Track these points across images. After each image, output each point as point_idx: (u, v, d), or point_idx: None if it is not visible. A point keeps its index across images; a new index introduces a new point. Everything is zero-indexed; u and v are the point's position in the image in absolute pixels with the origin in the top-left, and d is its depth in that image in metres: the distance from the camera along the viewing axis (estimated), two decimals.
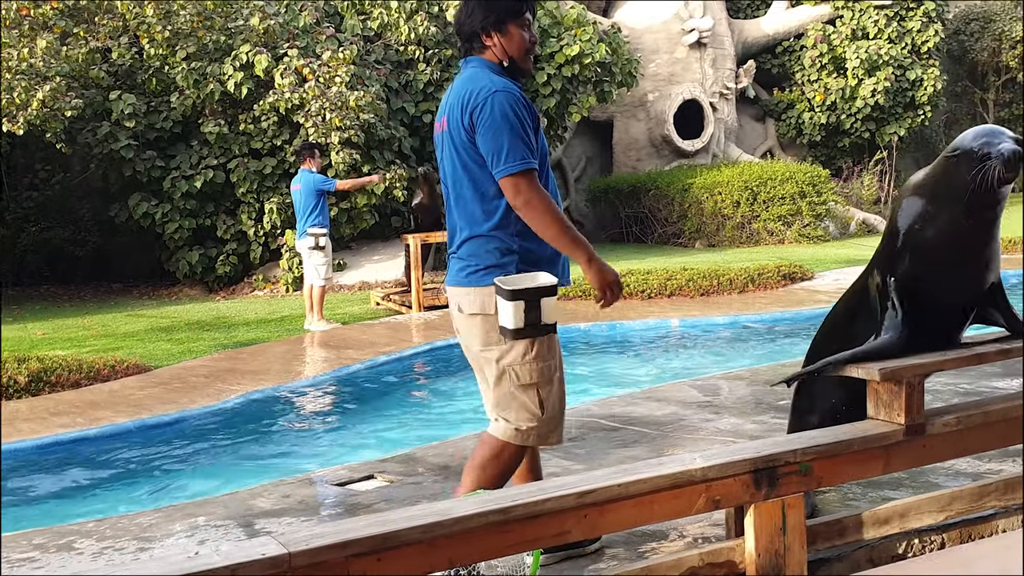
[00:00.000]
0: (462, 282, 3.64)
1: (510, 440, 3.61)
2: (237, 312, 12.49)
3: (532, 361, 3.55)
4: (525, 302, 3.46)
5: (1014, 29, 22.72)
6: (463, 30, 3.72)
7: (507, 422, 3.62)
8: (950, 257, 3.61)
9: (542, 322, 3.50)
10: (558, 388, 3.65)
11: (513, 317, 3.47)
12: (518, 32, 3.65)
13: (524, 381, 3.57)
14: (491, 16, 3.63)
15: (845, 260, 14.32)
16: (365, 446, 6.74)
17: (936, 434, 3.47)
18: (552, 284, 3.50)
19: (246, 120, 14.60)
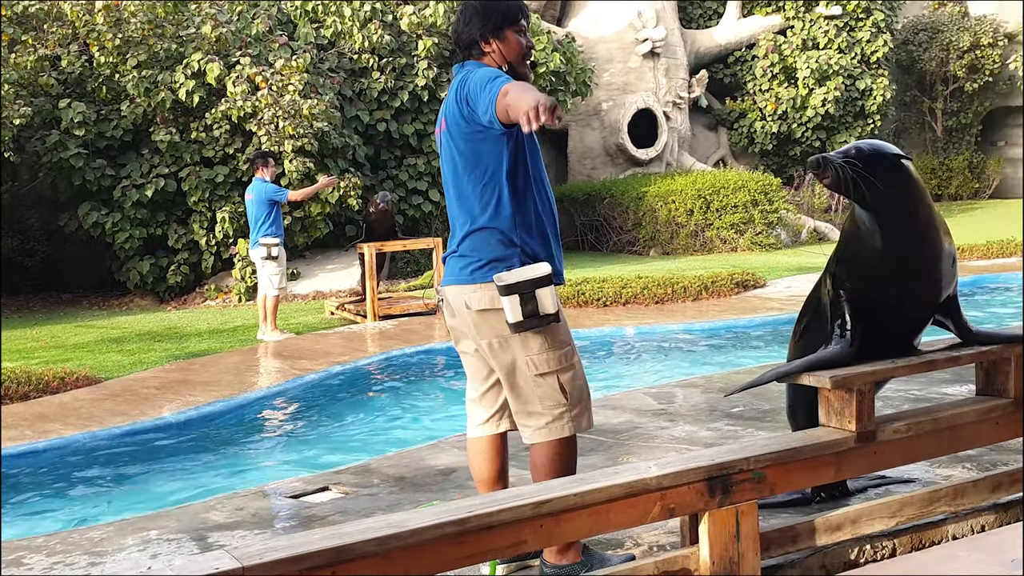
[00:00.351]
0: (466, 279, 3.65)
1: (545, 439, 3.63)
2: (189, 322, 12.39)
3: (548, 350, 3.59)
4: (520, 295, 3.49)
5: (961, 39, 23.07)
6: (461, 38, 3.74)
7: (533, 425, 3.64)
8: (891, 267, 3.67)
9: (541, 313, 3.52)
10: (579, 372, 3.69)
11: (512, 311, 3.51)
12: (516, 38, 3.70)
13: (543, 370, 3.60)
14: (489, 23, 3.67)
15: (797, 268, 14.45)
16: (319, 457, 6.70)
17: (887, 441, 3.51)
18: (545, 274, 3.53)
19: (198, 128, 14.49)
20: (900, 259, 3.66)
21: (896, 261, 3.66)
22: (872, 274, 3.70)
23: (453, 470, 5.53)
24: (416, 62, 15.63)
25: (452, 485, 5.24)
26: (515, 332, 3.56)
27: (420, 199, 15.90)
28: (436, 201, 15.95)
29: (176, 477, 6.47)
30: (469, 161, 3.62)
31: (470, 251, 3.65)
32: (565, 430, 3.63)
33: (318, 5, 15.66)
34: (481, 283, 3.62)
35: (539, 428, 3.64)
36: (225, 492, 5.52)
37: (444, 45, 15.80)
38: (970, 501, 3.82)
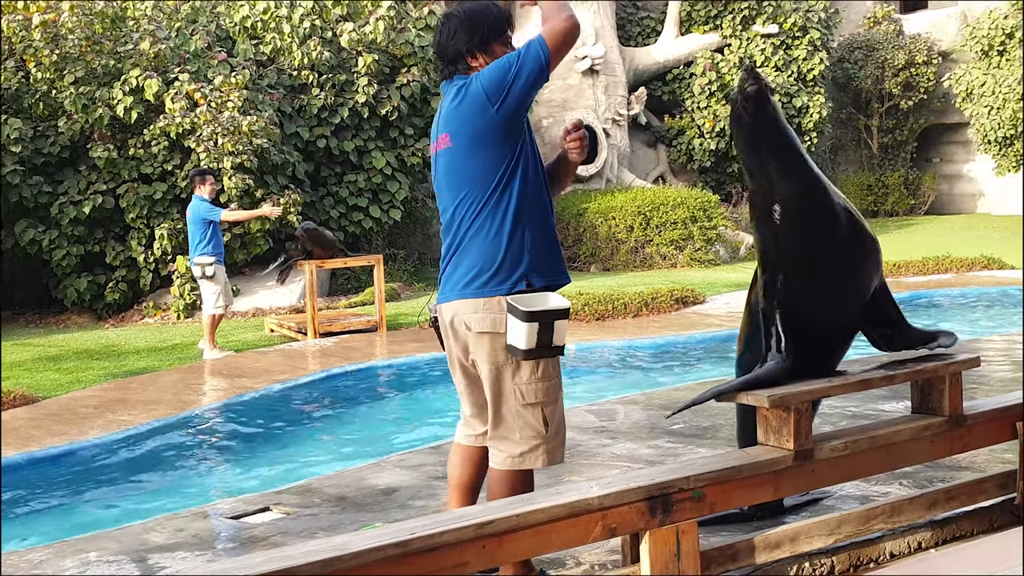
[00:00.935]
0: (468, 294, 3.59)
1: (515, 468, 3.61)
2: (127, 340, 12.23)
3: (539, 380, 3.56)
4: (540, 324, 3.45)
5: (896, 57, 23.47)
6: (447, 52, 3.69)
7: (507, 452, 3.61)
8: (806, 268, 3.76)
9: (553, 344, 3.50)
10: (562, 406, 3.67)
11: (526, 338, 3.45)
12: (502, 51, 3.65)
13: (529, 400, 3.57)
14: (475, 37, 3.63)
15: (735, 284, 14.60)
16: (260, 477, 6.65)
17: (824, 459, 3.57)
18: (566, 307, 3.51)
19: (136, 145, 14.35)
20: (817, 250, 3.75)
21: (805, 233, 3.75)
22: (792, 265, 3.76)
23: (395, 489, 5.52)
24: (356, 79, 15.60)
25: (394, 505, 5.23)
26: (520, 359, 3.51)
27: (361, 215, 15.86)
28: (377, 217, 15.92)
29: (115, 498, 6.39)
30: (476, 170, 3.56)
31: (472, 262, 3.59)
32: (538, 462, 3.61)
33: (257, 22, 15.58)
34: (485, 298, 3.56)
35: (512, 456, 3.61)
36: (165, 513, 5.47)
37: (384, 62, 15.79)
38: (907, 518, 3.89)
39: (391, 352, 10.51)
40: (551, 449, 3.62)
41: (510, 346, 3.51)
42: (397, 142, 16.23)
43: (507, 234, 3.57)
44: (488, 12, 3.68)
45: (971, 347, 9.38)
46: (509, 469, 3.62)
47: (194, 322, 13.58)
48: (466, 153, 3.58)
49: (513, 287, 3.55)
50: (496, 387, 3.60)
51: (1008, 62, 21.59)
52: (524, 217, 3.58)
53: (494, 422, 3.63)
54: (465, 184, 3.61)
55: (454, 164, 3.63)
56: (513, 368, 3.56)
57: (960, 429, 3.86)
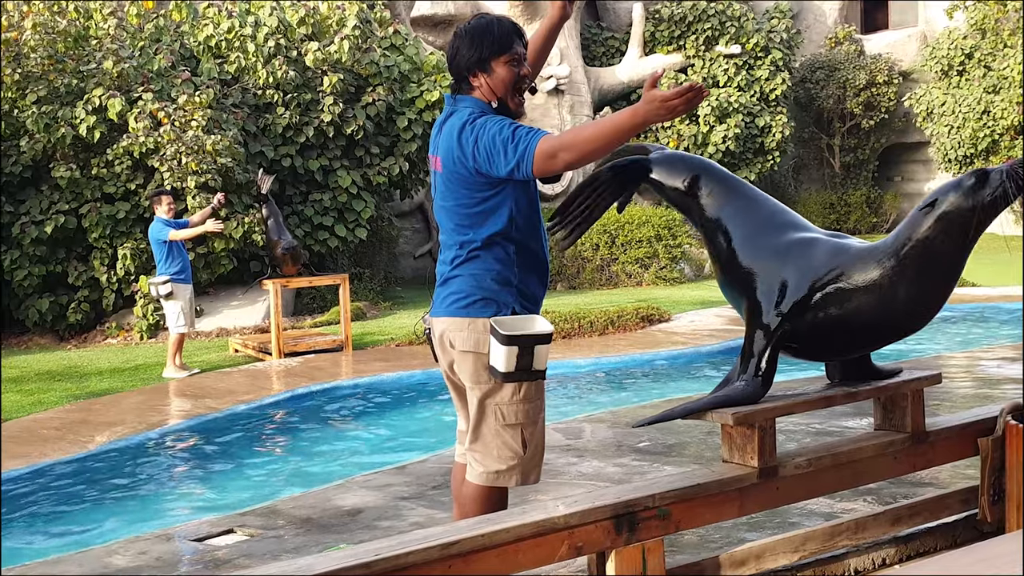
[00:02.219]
0: (456, 313, 3.59)
1: (488, 484, 3.61)
2: (89, 361, 12.12)
3: (520, 402, 3.56)
4: (519, 348, 3.45)
5: (857, 77, 23.73)
6: (452, 70, 3.65)
7: (484, 467, 3.61)
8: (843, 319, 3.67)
9: (533, 368, 3.50)
10: (541, 428, 3.66)
11: (505, 361, 3.45)
12: (504, 70, 3.58)
13: (510, 421, 3.57)
14: (475, 55, 3.57)
15: (700, 302, 14.67)
16: (224, 499, 6.60)
17: (788, 476, 3.58)
18: (548, 332, 3.50)
19: (99, 164, 14.24)
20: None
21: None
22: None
23: (361, 510, 5.49)
24: (322, 98, 15.58)
25: (360, 526, 5.20)
26: (503, 382, 3.52)
27: (326, 234, 15.81)
28: (343, 236, 15.88)
29: (77, 520, 6.31)
30: (471, 195, 3.55)
31: (463, 284, 3.59)
32: (512, 481, 3.61)
33: (221, 41, 15.53)
34: (471, 318, 3.56)
35: (487, 472, 3.61)
36: (128, 535, 5.41)
37: (349, 81, 15.78)
38: (871, 534, 3.91)
39: (357, 372, 10.47)
40: (527, 470, 3.63)
41: (491, 367, 3.52)
42: (363, 161, 16.21)
43: (497, 263, 3.58)
44: (491, 29, 3.60)
45: (934, 364, 9.47)
46: (483, 484, 3.62)
47: (158, 342, 13.48)
48: (455, 182, 3.57)
49: (498, 312, 3.56)
50: (478, 406, 3.61)
51: (967, 82, 21.89)
52: (514, 245, 3.59)
53: (472, 437, 3.64)
54: (456, 212, 3.60)
55: (446, 189, 3.62)
56: (495, 388, 3.57)
57: (923, 446, 3.89)
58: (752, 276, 3.70)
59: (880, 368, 3.92)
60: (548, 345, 3.51)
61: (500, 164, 3.44)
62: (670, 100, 3.20)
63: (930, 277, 3.49)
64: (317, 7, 16.22)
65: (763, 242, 3.74)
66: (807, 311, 3.58)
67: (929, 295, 3.54)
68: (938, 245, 3.47)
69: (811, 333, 3.61)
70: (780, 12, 23.76)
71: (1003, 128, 20.69)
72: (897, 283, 3.49)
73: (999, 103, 20.76)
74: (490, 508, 3.59)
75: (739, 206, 3.85)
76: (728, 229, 3.83)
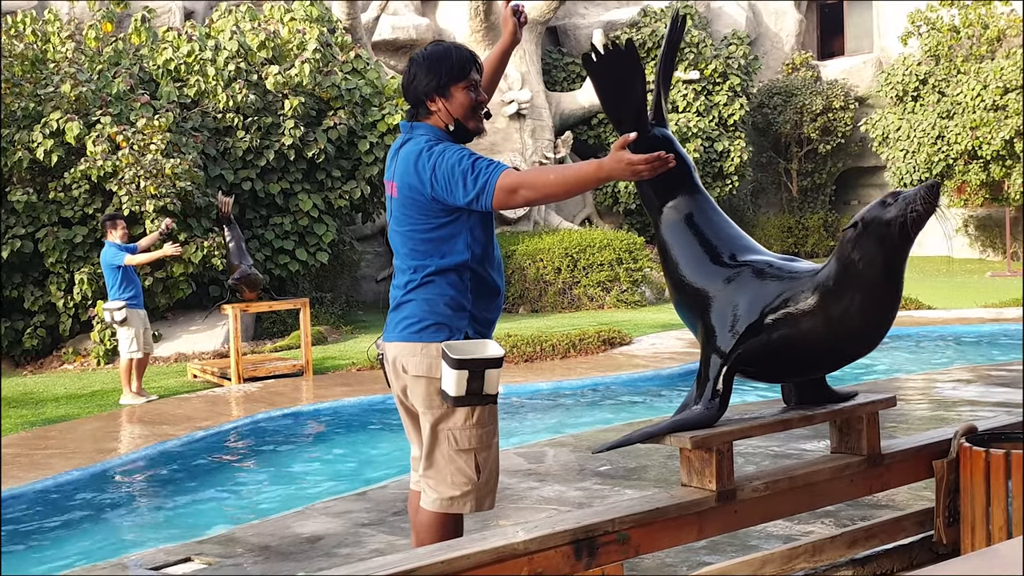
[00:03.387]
0: (409, 338, 3.60)
1: (443, 511, 3.60)
2: (46, 387, 11.97)
3: (473, 427, 3.56)
4: (469, 372, 3.45)
5: (814, 103, 24.00)
6: (408, 95, 3.69)
7: (438, 493, 3.60)
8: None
9: (484, 392, 3.50)
10: (495, 453, 3.65)
11: (455, 385, 3.46)
12: (462, 94, 3.63)
13: (463, 446, 3.57)
14: (434, 81, 3.61)
15: (661, 325, 14.72)
16: (181, 527, 6.53)
17: (747, 499, 3.60)
18: (499, 357, 3.51)
19: (56, 188, 14.12)
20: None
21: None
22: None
23: (320, 538, 5.46)
24: (282, 121, 15.54)
25: (319, 553, 5.17)
26: (453, 406, 3.53)
27: (287, 258, 15.75)
28: (304, 260, 15.82)
29: (31, 549, 6.22)
30: (427, 221, 3.57)
31: (416, 307, 3.60)
32: (467, 507, 3.61)
33: (181, 65, 15.47)
34: (424, 343, 3.57)
35: (442, 499, 3.61)
36: (83, 564, 5.35)
37: (311, 105, 15.76)
38: (828, 557, 3.94)
39: (317, 397, 10.42)
40: (481, 496, 3.63)
41: (442, 391, 3.52)
42: (324, 184, 16.17)
43: (451, 288, 3.60)
44: (448, 56, 3.65)
45: (889, 386, 9.56)
46: (438, 511, 3.61)
47: (115, 368, 13.33)
48: (410, 208, 3.59)
49: (451, 337, 3.57)
50: (431, 431, 3.61)
51: (922, 107, 22.19)
52: (469, 272, 3.61)
53: (426, 463, 3.64)
54: (411, 237, 3.62)
55: (401, 215, 3.64)
56: (447, 413, 3.57)
57: (878, 468, 3.92)
58: (707, 299, 3.73)
59: (836, 391, 3.96)
60: (499, 369, 3.52)
61: (459, 194, 3.46)
62: (636, 164, 3.31)
63: (866, 298, 3.54)
64: (278, 31, 16.21)
65: (718, 265, 3.77)
66: (760, 335, 3.61)
67: (869, 316, 3.58)
68: (866, 266, 3.52)
69: (765, 356, 3.65)
70: (738, 39, 24.03)
71: (957, 152, 20.99)
72: (837, 305, 3.54)
73: (953, 128, 21.06)
74: (445, 535, 3.59)
75: (699, 224, 3.88)
76: (685, 246, 3.85)
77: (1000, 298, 15.80)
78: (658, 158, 3.30)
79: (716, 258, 3.79)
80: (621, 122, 3.94)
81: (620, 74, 3.88)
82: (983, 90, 20.72)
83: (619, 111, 3.95)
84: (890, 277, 3.56)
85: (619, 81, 3.89)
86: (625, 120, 3.91)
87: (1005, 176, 20.62)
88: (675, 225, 3.88)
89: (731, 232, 3.90)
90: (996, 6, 22.00)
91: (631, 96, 3.89)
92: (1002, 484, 3.76)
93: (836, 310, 3.54)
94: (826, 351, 3.66)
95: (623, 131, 3.86)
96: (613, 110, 3.99)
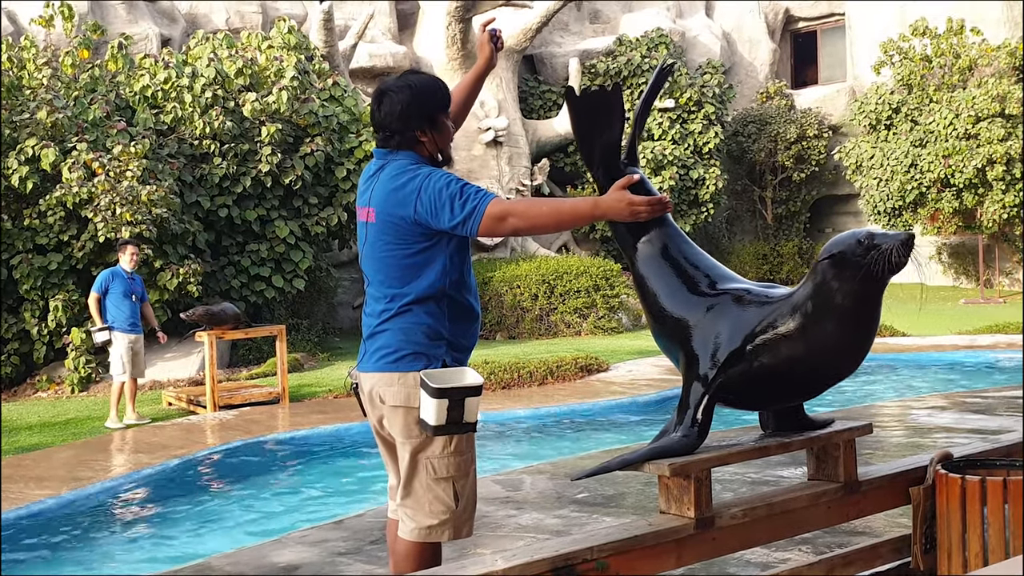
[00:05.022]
0: (386, 368, 3.58)
1: (421, 540, 3.59)
2: (19, 415, 11.87)
3: (451, 455, 3.56)
4: (450, 401, 3.44)
5: (788, 131, 24.19)
6: (390, 125, 3.63)
7: (416, 523, 3.59)
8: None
9: (464, 421, 3.49)
10: (473, 481, 3.65)
11: (435, 414, 3.44)
12: (447, 125, 3.68)
13: (441, 474, 3.56)
14: (425, 114, 3.61)
15: (638, 351, 14.76)
16: (156, 556, 6.48)
17: (725, 526, 3.61)
18: (478, 385, 3.50)
19: (31, 215, 14.04)
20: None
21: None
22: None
23: (297, 567, 5.43)
24: (259, 148, 15.53)
25: None
26: (433, 435, 3.52)
27: (263, 285, 15.70)
28: (280, 287, 15.78)
29: None
30: (406, 246, 3.56)
31: (392, 337, 3.59)
32: (444, 536, 3.61)
33: (158, 91, 15.45)
34: (400, 372, 3.56)
35: (420, 528, 3.60)
36: None
37: (288, 131, 15.76)
38: None
39: (294, 424, 10.38)
40: (459, 524, 3.63)
41: (421, 421, 3.52)
42: (301, 211, 16.16)
43: (428, 316, 3.59)
44: (436, 87, 3.69)
45: (866, 413, 9.61)
46: (416, 540, 3.60)
47: (89, 396, 13.26)
48: (389, 232, 3.58)
49: (428, 365, 3.56)
50: (409, 460, 3.60)
51: (895, 136, 22.40)
52: (447, 299, 3.61)
53: (404, 492, 3.63)
54: (387, 263, 3.61)
55: (377, 240, 3.62)
56: (426, 442, 3.56)
57: (855, 495, 3.94)
58: (687, 328, 3.75)
59: (813, 418, 3.98)
60: (478, 397, 3.52)
61: (444, 217, 3.46)
62: (637, 206, 3.36)
63: (843, 324, 3.58)
64: (255, 58, 16.22)
65: (696, 295, 3.79)
66: (742, 362, 3.63)
67: (848, 340, 3.62)
68: (843, 297, 3.56)
69: (746, 383, 3.67)
70: (712, 67, 24.23)
71: (930, 181, 21.19)
72: (816, 328, 3.58)
73: (926, 156, 21.27)
74: (424, 564, 3.58)
75: (674, 255, 3.89)
76: (662, 277, 3.87)
77: (974, 325, 15.93)
78: (660, 201, 3.33)
79: (694, 287, 3.81)
80: (593, 160, 3.95)
81: (601, 114, 3.90)
82: (955, 119, 20.95)
83: (592, 149, 3.96)
84: (867, 305, 3.61)
85: (599, 121, 3.90)
86: (598, 158, 3.93)
87: (978, 204, 20.82)
88: (651, 258, 3.89)
89: (706, 262, 3.92)
90: (967, 36, 22.27)
91: (608, 137, 3.91)
92: (978, 511, 3.78)
93: (815, 333, 3.57)
94: (806, 375, 3.68)
95: (593, 167, 3.91)
96: (587, 147, 3.99)
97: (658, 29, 23.80)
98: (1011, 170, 20.10)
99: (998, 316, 17.22)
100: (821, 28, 27.43)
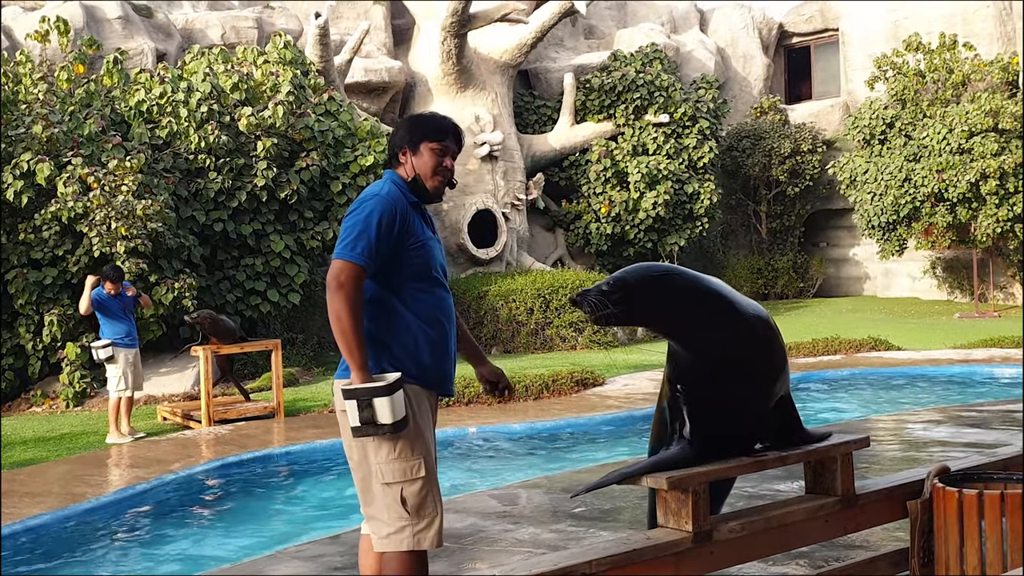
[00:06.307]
0: (337, 376, 3.76)
1: (383, 550, 3.60)
2: (13, 430, 11.84)
3: (395, 460, 3.59)
4: (357, 400, 3.50)
5: (782, 146, 24.24)
6: (388, 145, 3.96)
7: (376, 532, 3.64)
8: (722, 371, 3.80)
9: (379, 421, 3.49)
10: (427, 488, 3.64)
11: (351, 415, 3.52)
12: (429, 154, 3.85)
13: (388, 479, 3.60)
14: (407, 136, 3.87)
15: (633, 365, 14.76)
16: (151, 571, 6.46)
17: (722, 540, 3.61)
18: (386, 384, 3.51)
19: (26, 230, 14.03)
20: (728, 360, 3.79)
21: (727, 362, 3.78)
22: (696, 382, 3.82)
23: None
24: (255, 162, 15.54)
25: None
26: (354, 436, 3.57)
27: (259, 299, 15.69)
28: (275, 301, 15.76)
29: None
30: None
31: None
32: (404, 544, 3.60)
33: (153, 106, 15.46)
34: (339, 379, 3.71)
35: (381, 537, 3.63)
36: None
37: (283, 146, 15.77)
38: None
39: (289, 439, 10.36)
40: (418, 532, 3.62)
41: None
42: (296, 225, 16.16)
43: (370, 322, 3.69)
44: (432, 119, 3.96)
45: (862, 427, 9.61)
46: (381, 551, 3.64)
47: (84, 411, 13.23)
48: None
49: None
50: (357, 465, 3.68)
51: (889, 150, 22.46)
52: (386, 312, 3.69)
53: (365, 499, 3.69)
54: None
55: None
56: (374, 446, 3.62)
57: (852, 509, 3.94)
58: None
59: (810, 432, 3.99)
60: (389, 397, 3.51)
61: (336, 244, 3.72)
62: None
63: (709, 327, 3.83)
64: (251, 73, 16.24)
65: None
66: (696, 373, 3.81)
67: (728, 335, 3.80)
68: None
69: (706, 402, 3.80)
70: (707, 83, 24.32)
71: (923, 195, 21.23)
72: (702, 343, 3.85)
73: (919, 171, 21.31)
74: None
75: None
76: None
77: (969, 339, 15.94)
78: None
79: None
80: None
81: None
82: (949, 133, 21.00)
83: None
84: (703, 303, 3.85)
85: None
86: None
87: (971, 219, 20.87)
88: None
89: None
90: (960, 51, 22.36)
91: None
92: (975, 524, 3.79)
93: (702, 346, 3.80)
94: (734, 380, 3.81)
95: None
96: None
97: (653, 44, 23.87)
98: (1004, 184, 20.15)
99: (993, 330, 17.24)
100: (815, 43, 27.54)
